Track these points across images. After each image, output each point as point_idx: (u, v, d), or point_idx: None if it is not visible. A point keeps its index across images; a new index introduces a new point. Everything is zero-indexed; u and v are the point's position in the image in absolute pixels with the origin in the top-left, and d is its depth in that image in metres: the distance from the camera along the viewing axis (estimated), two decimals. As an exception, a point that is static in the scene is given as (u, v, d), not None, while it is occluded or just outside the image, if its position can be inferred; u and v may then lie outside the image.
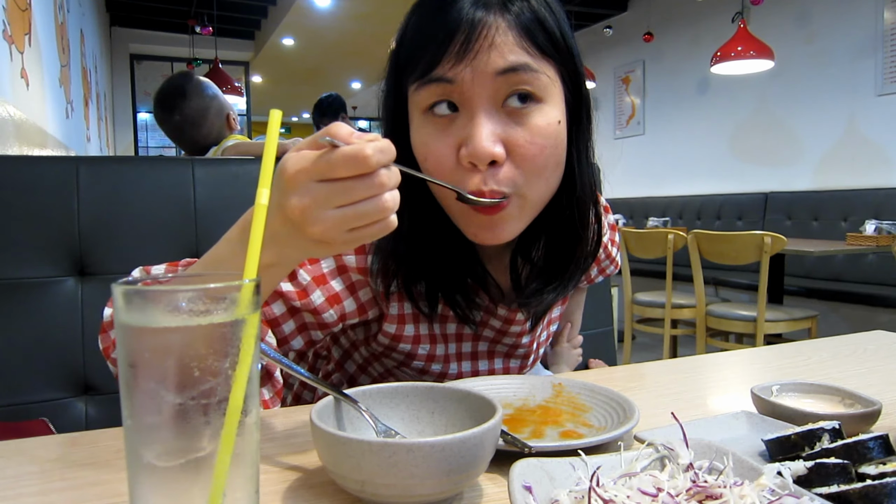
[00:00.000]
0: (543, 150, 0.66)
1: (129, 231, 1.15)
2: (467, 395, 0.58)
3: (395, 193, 0.49)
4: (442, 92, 0.65)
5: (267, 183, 0.42)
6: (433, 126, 0.66)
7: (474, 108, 0.64)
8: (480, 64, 0.63)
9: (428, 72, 0.65)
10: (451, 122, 0.66)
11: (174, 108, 2.02)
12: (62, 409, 1.08)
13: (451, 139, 0.65)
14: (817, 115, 4.65)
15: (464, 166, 0.64)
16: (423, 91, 0.66)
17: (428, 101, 0.66)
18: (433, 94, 0.65)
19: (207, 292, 0.37)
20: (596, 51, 6.69)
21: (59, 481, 0.55)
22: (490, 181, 0.64)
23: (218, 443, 0.37)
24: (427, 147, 0.66)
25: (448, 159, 0.65)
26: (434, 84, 0.65)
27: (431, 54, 0.64)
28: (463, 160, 0.64)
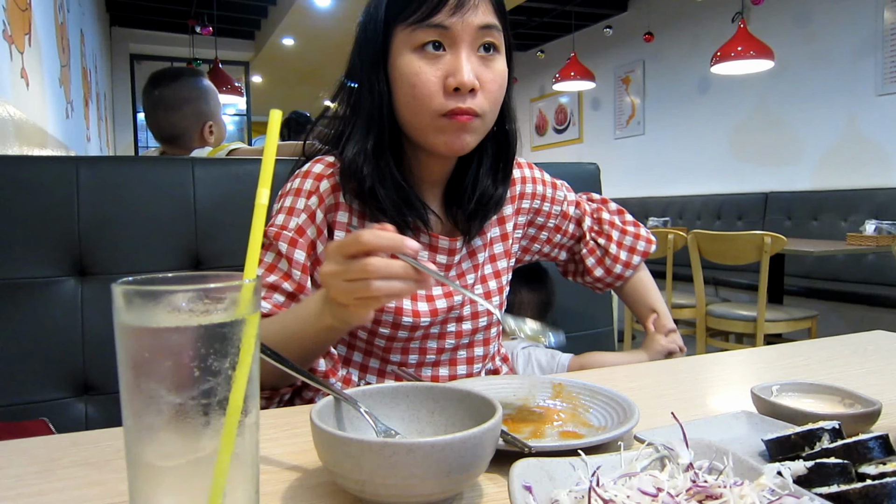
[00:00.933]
0: (500, 87, 0.88)
1: (129, 231, 1.15)
2: (467, 395, 0.58)
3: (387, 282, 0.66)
4: (436, 35, 0.84)
5: (267, 183, 0.42)
6: (423, 60, 0.85)
7: (460, 51, 0.84)
8: (469, 18, 0.83)
9: (426, 18, 0.83)
10: (438, 58, 0.85)
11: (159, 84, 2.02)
12: (62, 409, 1.08)
13: (439, 71, 0.84)
14: (817, 115, 4.65)
15: (447, 91, 0.84)
16: (419, 32, 0.84)
17: (422, 40, 0.84)
18: (428, 35, 0.84)
19: (207, 292, 0.37)
20: (596, 51, 6.69)
21: (59, 481, 0.55)
22: (468, 101, 0.85)
23: (218, 443, 0.37)
24: (418, 76, 0.84)
25: (435, 85, 0.84)
26: (432, 28, 0.83)
27: (432, 5, 0.83)
28: (449, 87, 0.84)
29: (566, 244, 1.20)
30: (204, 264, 1.21)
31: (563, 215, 1.17)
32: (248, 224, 0.40)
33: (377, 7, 0.88)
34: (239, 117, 9.51)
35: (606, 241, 1.18)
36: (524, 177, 1.12)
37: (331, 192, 0.93)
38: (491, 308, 0.79)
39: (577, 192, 1.47)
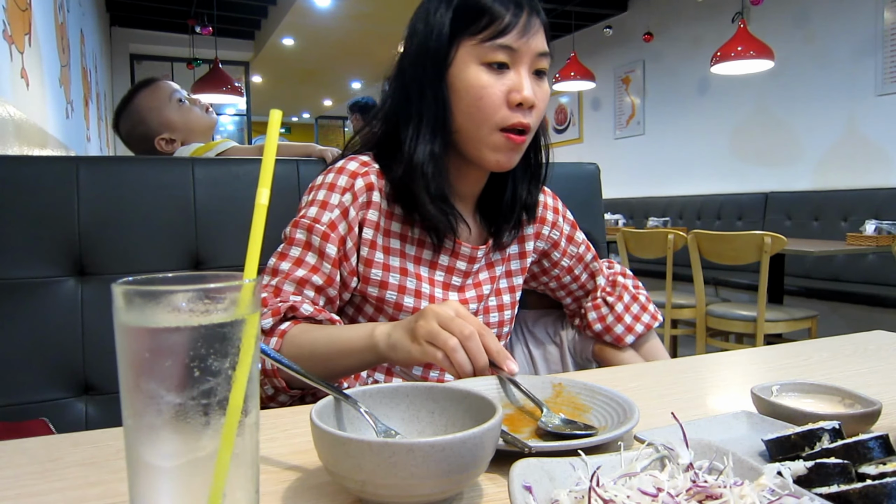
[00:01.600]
0: (544, 107, 0.97)
1: (129, 231, 1.15)
2: (467, 395, 0.58)
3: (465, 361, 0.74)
4: (504, 54, 0.91)
5: (267, 183, 0.42)
6: (490, 74, 0.91)
7: (521, 70, 0.92)
8: (532, 43, 0.92)
9: (497, 37, 0.90)
10: (503, 75, 0.92)
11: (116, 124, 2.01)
12: (62, 409, 1.08)
13: (503, 86, 0.91)
14: (817, 115, 4.65)
15: (510, 105, 0.91)
16: (488, 49, 0.91)
17: (491, 57, 0.91)
18: (496, 53, 0.91)
19: (207, 292, 0.37)
20: (596, 51, 6.69)
21: (59, 481, 0.55)
22: (527, 117, 0.93)
23: (218, 443, 0.37)
24: (485, 89, 0.91)
25: (500, 98, 0.91)
26: (500, 48, 0.90)
27: (503, 26, 0.90)
28: (513, 102, 0.91)
29: (573, 291, 1.21)
30: (204, 264, 1.21)
31: (578, 258, 1.18)
32: (248, 224, 0.40)
33: (441, 18, 0.93)
34: (239, 117, 9.52)
35: (616, 300, 1.17)
36: (547, 204, 1.15)
37: (365, 191, 0.96)
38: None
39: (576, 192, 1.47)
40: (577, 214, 1.57)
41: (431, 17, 0.94)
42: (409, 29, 0.98)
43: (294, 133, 16.10)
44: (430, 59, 0.93)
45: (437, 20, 0.93)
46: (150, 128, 1.94)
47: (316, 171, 1.34)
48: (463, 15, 0.92)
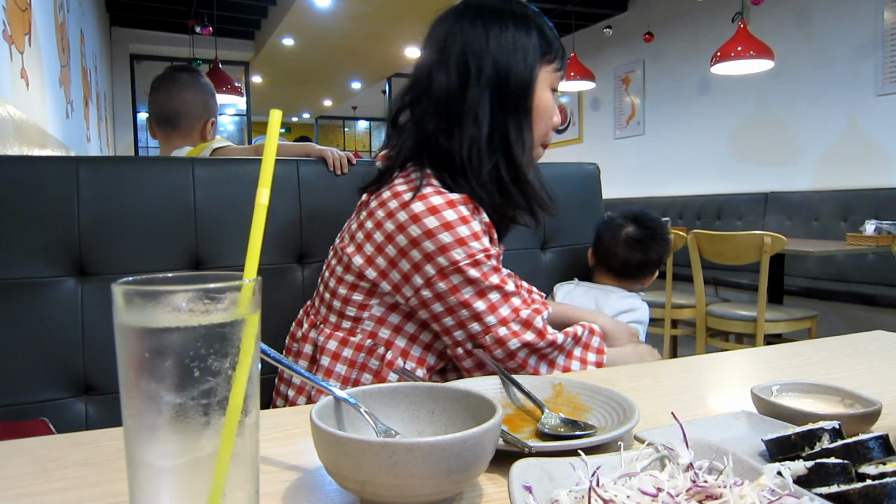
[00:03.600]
0: None
1: (129, 231, 1.15)
2: (467, 395, 0.58)
3: None
4: (560, 81, 1.08)
5: (267, 183, 0.42)
6: (551, 98, 1.06)
7: (558, 96, 1.09)
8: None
9: (562, 68, 1.07)
10: (553, 98, 1.07)
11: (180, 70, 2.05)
12: (62, 409, 1.08)
13: (555, 109, 1.07)
14: (817, 115, 4.65)
15: (555, 126, 1.09)
16: (557, 77, 1.06)
17: (555, 83, 1.06)
18: (558, 80, 1.07)
19: (207, 292, 0.37)
20: (596, 51, 6.69)
21: (59, 481, 0.55)
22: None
23: (218, 443, 0.37)
24: (554, 111, 1.07)
25: (553, 120, 1.07)
26: (561, 77, 1.08)
27: (562, 58, 1.06)
28: (556, 124, 1.09)
29: None
30: (204, 264, 1.21)
31: None
32: (248, 224, 0.40)
33: (528, 41, 1.02)
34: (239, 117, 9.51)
35: None
36: None
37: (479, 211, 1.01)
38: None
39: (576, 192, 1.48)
40: (577, 214, 1.57)
41: (521, 41, 1.01)
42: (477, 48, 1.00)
43: (294, 133, 16.09)
44: (521, 79, 1.01)
45: (526, 44, 1.01)
46: (214, 107, 2.05)
47: (316, 171, 1.34)
48: (540, 43, 1.03)
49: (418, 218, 0.94)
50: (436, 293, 0.95)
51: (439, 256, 0.93)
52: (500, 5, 1.03)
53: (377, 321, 1.00)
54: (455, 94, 0.99)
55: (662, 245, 1.54)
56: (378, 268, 0.97)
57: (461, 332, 0.96)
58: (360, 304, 1.00)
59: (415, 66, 1.06)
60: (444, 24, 1.04)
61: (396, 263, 0.96)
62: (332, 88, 12.02)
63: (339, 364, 1.00)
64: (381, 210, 0.98)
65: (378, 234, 0.97)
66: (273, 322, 1.26)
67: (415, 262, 0.94)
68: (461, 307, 0.95)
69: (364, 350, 1.00)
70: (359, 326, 1.01)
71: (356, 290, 1.00)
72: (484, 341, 0.96)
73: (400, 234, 0.95)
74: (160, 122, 2.02)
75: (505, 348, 0.95)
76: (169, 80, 2.01)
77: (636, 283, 1.55)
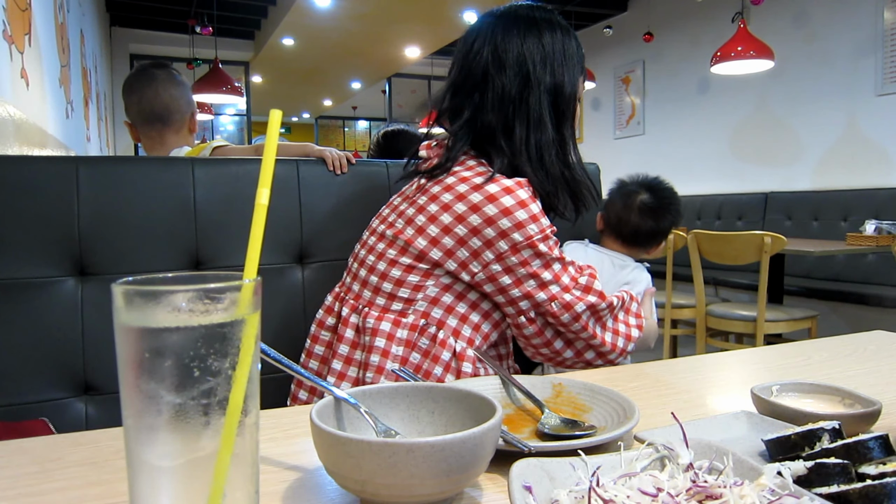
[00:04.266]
0: None
1: (129, 231, 1.15)
2: (467, 395, 0.58)
3: None
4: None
5: (267, 183, 0.42)
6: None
7: None
8: None
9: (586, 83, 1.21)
10: None
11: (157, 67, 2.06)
12: (62, 409, 1.08)
13: None
14: (817, 115, 4.65)
15: None
16: (584, 86, 1.17)
17: (581, 94, 1.15)
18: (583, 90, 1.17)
19: (207, 292, 0.37)
20: (596, 51, 6.69)
21: (59, 481, 0.55)
22: None
23: (218, 443, 0.37)
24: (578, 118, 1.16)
25: None
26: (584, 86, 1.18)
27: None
28: None
29: None
30: (204, 264, 1.21)
31: None
32: (248, 224, 0.40)
33: (576, 52, 1.12)
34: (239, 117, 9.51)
35: None
36: None
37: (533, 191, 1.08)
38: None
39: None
40: (577, 214, 1.57)
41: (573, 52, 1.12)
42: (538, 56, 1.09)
43: (294, 133, 16.08)
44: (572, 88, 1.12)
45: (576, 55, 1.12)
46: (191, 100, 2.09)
47: (316, 171, 1.34)
48: (579, 54, 1.13)
49: (494, 198, 1.01)
50: (506, 267, 1.02)
51: (514, 233, 1.01)
52: (549, 16, 1.13)
53: (430, 301, 1.06)
54: (515, 97, 1.08)
55: (674, 215, 1.55)
56: (444, 247, 1.03)
57: (527, 301, 1.05)
58: (414, 285, 1.05)
59: (465, 58, 1.13)
60: (496, 25, 1.11)
61: (466, 241, 1.02)
62: (332, 88, 12.03)
63: (394, 345, 1.04)
64: (449, 194, 1.04)
65: (446, 215, 1.03)
66: (273, 322, 1.26)
67: (488, 239, 1.01)
68: (529, 278, 1.03)
69: (417, 330, 1.05)
70: (411, 307, 1.06)
71: (412, 272, 1.05)
72: (550, 308, 1.05)
73: (473, 213, 1.02)
74: (150, 121, 2.01)
75: (572, 312, 1.05)
76: (150, 78, 2.01)
77: (643, 251, 1.55)
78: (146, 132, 2.02)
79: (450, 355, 1.04)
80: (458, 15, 6.68)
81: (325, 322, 1.14)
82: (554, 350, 1.10)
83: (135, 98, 2.02)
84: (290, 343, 1.26)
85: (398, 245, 1.06)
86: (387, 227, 1.11)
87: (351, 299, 1.11)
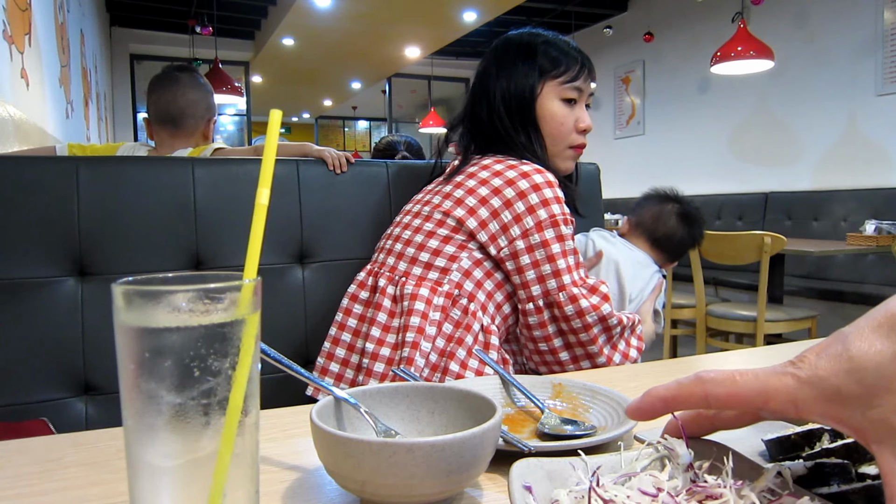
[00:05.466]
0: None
1: (129, 231, 1.15)
2: (467, 395, 0.58)
3: None
4: (575, 93, 1.22)
5: (267, 183, 0.42)
6: (565, 108, 1.22)
7: (582, 104, 1.25)
8: (590, 84, 1.24)
9: (573, 81, 1.21)
10: (573, 107, 1.23)
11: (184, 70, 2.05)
12: (62, 409, 1.08)
13: (573, 117, 1.23)
14: (817, 115, 4.65)
15: (577, 130, 1.23)
16: (567, 89, 1.21)
17: (568, 95, 1.21)
18: (570, 91, 1.21)
19: (207, 292, 0.37)
20: (596, 51, 6.69)
21: (59, 481, 0.55)
22: (585, 138, 1.26)
23: (218, 443, 0.37)
24: (565, 118, 1.21)
25: (571, 126, 1.22)
26: (574, 88, 1.22)
27: (576, 72, 1.21)
28: (580, 128, 1.23)
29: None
30: (204, 264, 1.21)
31: None
32: (248, 224, 0.40)
33: (532, 65, 1.21)
34: (239, 117, 9.52)
35: None
36: None
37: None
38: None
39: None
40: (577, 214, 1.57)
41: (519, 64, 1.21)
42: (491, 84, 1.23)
43: (294, 133, 16.08)
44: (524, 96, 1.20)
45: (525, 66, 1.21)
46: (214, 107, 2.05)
47: (316, 171, 1.34)
48: (543, 63, 1.20)
49: (527, 175, 1.11)
50: (528, 245, 1.09)
51: (541, 209, 1.09)
52: (512, 39, 1.25)
53: (464, 273, 1.12)
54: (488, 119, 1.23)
55: (701, 231, 1.58)
56: (479, 217, 1.11)
57: (539, 286, 1.10)
58: (451, 255, 1.12)
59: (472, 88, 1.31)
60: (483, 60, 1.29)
61: (499, 214, 1.11)
62: (332, 88, 12.02)
63: (431, 310, 1.09)
64: (486, 171, 1.15)
65: (483, 188, 1.13)
66: (273, 322, 1.26)
67: (517, 213, 1.10)
68: (546, 261, 1.09)
69: (451, 298, 1.11)
70: (447, 277, 1.12)
71: (449, 242, 1.13)
72: (557, 298, 1.09)
73: (508, 187, 1.11)
74: (163, 122, 2.02)
75: (576, 306, 1.09)
76: (172, 81, 2.01)
77: (668, 259, 1.56)
78: (157, 131, 2.04)
79: (479, 327, 1.10)
80: (458, 15, 6.68)
81: (357, 296, 1.18)
82: (552, 348, 1.12)
83: (153, 98, 2.03)
84: (290, 343, 1.26)
85: (435, 219, 1.16)
86: (423, 205, 1.20)
87: (386, 272, 1.17)
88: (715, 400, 0.39)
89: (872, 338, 0.35)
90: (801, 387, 0.38)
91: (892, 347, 0.34)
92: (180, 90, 1.99)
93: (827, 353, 0.37)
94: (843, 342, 0.36)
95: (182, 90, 1.99)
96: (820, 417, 0.36)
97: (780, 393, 0.38)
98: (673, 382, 0.41)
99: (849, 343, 0.36)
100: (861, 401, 0.34)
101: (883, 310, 0.36)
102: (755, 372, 0.39)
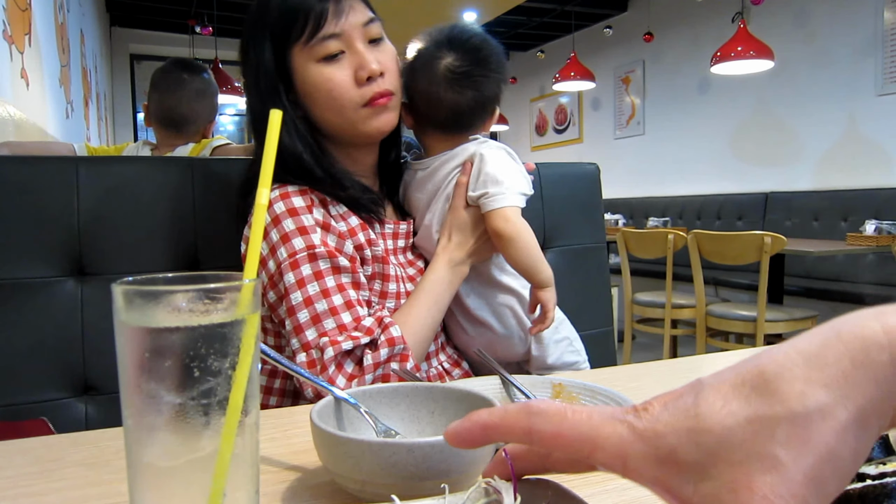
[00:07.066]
0: (397, 65, 1.00)
1: (129, 231, 1.15)
2: (467, 395, 0.58)
3: None
4: (333, 43, 0.93)
5: (267, 183, 0.42)
6: (330, 66, 0.94)
7: (356, 47, 0.94)
8: (352, 19, 0.93)
9: (317, 32, 0.92)
10: (341, 60, 0.94)
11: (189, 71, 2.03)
12: (62, 409, 1.08)
13: (347, 71, 0.94)
14: (817, 115, 4.65)
15: (360, 83, 0.94)
16: (317, 47, 0.92)
17: (322, 52, 0.93)
18: (327, 46, 0.93)
19: (207, 292, 0.37)
20: (596, 51, 6.69)
21: (59, 481, 0.55)
22: (381, 84, 0.95)
23: (218, 443, 0.37)
24: (332, 80, 0.93)
25: (349, 82, 0.94)
26: (327, 39, 0.92)
27: (315, 20, 0.91)
28: (361, 79, 0.94)
29: None
30: (204, 264, 1.20)
31: None
32: (248, 224, 0.40)
33: (260, 42, 0.96)
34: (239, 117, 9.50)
35: None
36: None
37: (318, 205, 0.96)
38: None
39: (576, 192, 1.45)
40: (577, 214, 1.57)
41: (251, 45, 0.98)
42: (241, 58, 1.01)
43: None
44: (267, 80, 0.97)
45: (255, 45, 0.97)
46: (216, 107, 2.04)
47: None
48: (280, 28, 0.94)
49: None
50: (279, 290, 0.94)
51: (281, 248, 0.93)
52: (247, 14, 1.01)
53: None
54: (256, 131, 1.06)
55: (498, 72, 1.06)
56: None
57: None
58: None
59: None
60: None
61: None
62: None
63: None
64: None
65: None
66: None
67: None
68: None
69: None
70: None
71: None
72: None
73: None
74: (165, 125, 2.01)
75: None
76: (177, 84, 1.98)
77: (473, 131, 1.09)
78: (159, 130, 2.03)
79: None
80: (458, 15, 6.68)
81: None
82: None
83: (156, 96, 2.00)
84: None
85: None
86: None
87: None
88: (539, 438, 0.32)
89: (730, 395, 0.30)
90: (633, 441, 0.30)
91: (746, 411, 0.29)
92: (185, 97, 1.97)
93: (675, 405, 0.30)
94: (696, 395, 0.31)
95: (187, 97, 1.97)
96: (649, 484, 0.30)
97: (609, 443, 0.31)
98: (500, 408, 0.34)
99: (701, 397, 0.30)
100: (695, 469, 0.28)
101: (752, 364, 0.32)
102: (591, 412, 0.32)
